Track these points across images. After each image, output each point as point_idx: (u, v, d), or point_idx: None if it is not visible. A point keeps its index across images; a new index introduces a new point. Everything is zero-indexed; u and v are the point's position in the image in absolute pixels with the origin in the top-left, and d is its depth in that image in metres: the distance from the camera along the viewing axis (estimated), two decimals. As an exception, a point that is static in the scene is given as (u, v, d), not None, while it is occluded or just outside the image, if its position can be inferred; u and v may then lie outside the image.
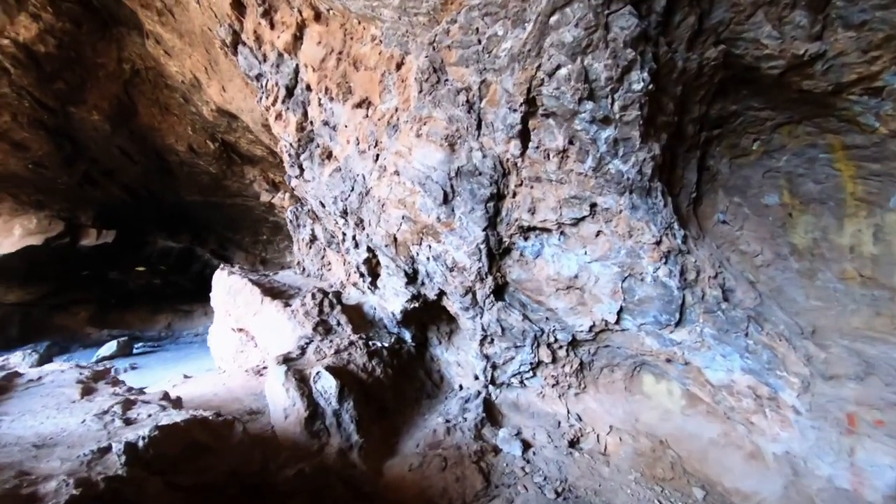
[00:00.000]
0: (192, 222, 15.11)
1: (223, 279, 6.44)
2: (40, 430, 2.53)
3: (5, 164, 11.43)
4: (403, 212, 4.16)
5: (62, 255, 13.60)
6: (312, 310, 5.08)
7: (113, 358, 13.71)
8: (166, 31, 8.61)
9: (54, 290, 14.80)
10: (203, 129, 11.09)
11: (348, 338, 4.73)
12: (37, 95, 9.65)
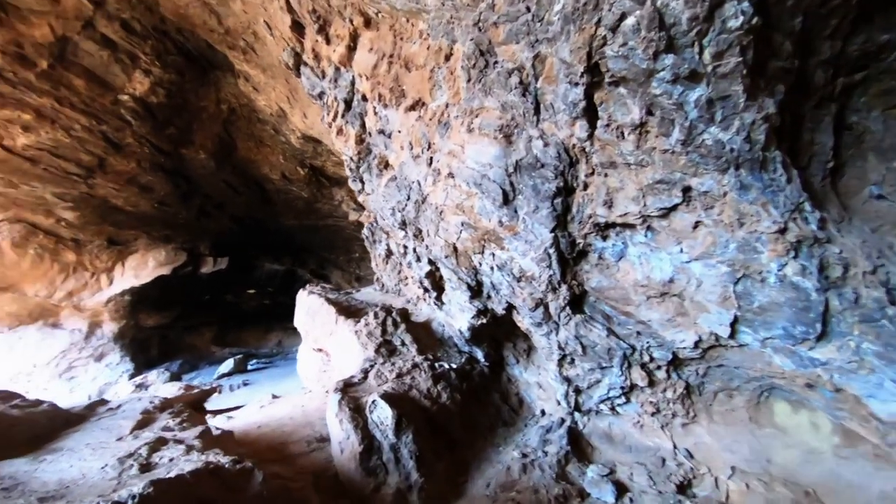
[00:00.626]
0: (293, 245, 16.13)
1: (303, 300, 6.52)
2: (64, 475, 2.53)
3: (137, 205, 13.10)
4: (462, 218, 3.74)
5: (186, 282, 15.22)
6: (375, 330, 4.85)
7: (231, 375, 14.95)
8: (251, 67, 9.22)
9: (183, 314, 16.58)
10: (293, 156, 11.73)
11: (412, 360, 4.40)
12: (154, 142, 10.89)
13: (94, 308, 15.27)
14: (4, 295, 13.93)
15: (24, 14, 8.17)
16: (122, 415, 3.52)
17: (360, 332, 4.82)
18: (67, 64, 8.90)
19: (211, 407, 10.54)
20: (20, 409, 3.35)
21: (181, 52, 9.64)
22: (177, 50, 9.56)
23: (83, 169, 11.35)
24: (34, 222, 13.72)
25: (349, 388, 3.84)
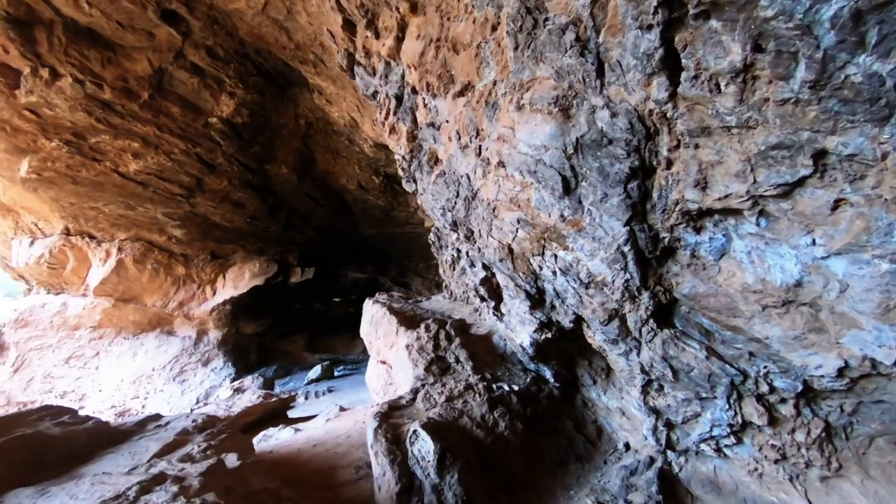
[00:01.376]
0: (374, 254, 16.39)
1: (368, 309, 6.30)
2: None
3: (232, 221, 14.07)
4: (517, 214, 3.17)
5: (278, 292, 16.07)
6: (427, 344, 4.39)
7: (318, 381, 15.45)
8: (322, 80, 9.37)
9: (277, 322, 17.53)
10: (367, 165, 11.82)
11: (465, 380, 3.87)
12: (241, 160, 11.55)
13: (201, 317, 16.66)
14: (128, 305, 15.67)
15: (127, 51, 9.00)
16: (158, 436, 3.43)
17: (412, 346, 4.41)
18: (165, 93, 9.68)
19: (295, 413, 10.86)
20: (63, 427, 3.37)
21: (260, 73, 10.09)
22: (256, 71, 10.01)
23: (184, 189, 12.39)
24: (150, 240, 15.34)
25: (393, 413, 3.43)
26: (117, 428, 3.90)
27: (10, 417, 3.53)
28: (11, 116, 9.78)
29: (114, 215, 13.79)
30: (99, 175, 11.55)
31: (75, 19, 8.42)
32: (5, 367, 13.75)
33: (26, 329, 14.24)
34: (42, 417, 3.62)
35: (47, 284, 15.37)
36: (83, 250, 15.05)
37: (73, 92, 9.13)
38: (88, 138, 10.46)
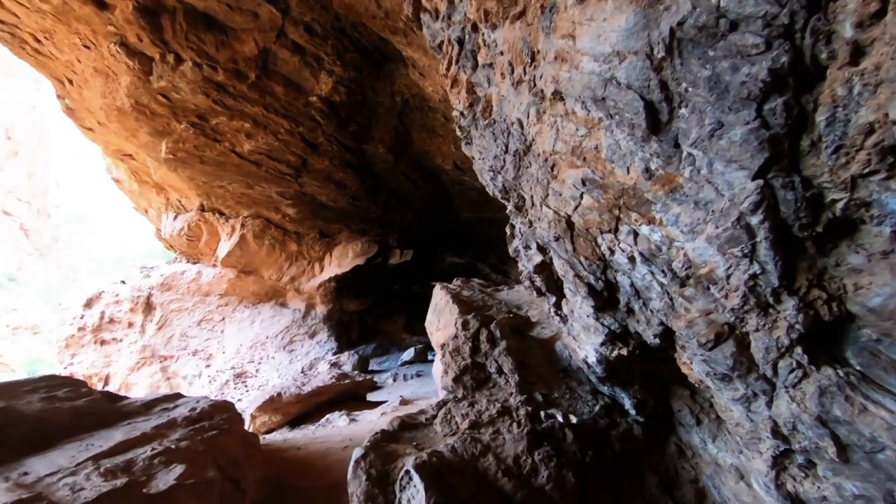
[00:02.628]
0: (473, 239, 15.76)
1: (434, 294, 5.62)
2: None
3: (336, 201, 14.43)
4: (581, 170, 2.16)
5: (378, 272, 16.28)
6: (463, 346, 3.49)
7: (412, 363, 15.38)
8: (414, 51, 8.82)
9: (377, 302, 17.88)
10: (463, 144, 11.13)
11: (504, 400, 2.90)
12: (340, 140, 11.60)
13: (309, 292, 17.61)
14: (249, 277, 17.08)
15: (237, 33, 9.34)
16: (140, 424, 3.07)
17: (447, 345, 3.58)
18: (270, 73, 9.94)
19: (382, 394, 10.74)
20: (48, 403, 3.15)
21: (357, 49, 9.88)
22: (353, 46, 9.80)
23: (292, 169, 12.90)
24: (268, 217, 16.49)
25: (399, 436, 2.65)
26: (118, 408, 3.60)
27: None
28: (150, 101, 10.82)
29: (237, 193, 14.97)
30: (220, 155, 12.47)
31: (193, 5, 8.88)
32: (152, 324, 15.81)
33: (169, 293, 16.21)
34: (36, 389, 3.42)
35: (186, 254, 17.37)
36: (214, 225, 16.66)
37: (193, 75, 9.75)
38: (210, 120, 11.25)
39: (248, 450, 3.19)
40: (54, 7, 9.20)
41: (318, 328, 17.74)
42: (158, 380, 15.15)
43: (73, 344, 14.22)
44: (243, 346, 16.72)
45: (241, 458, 2.98)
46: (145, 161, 14.90)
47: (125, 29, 9.05)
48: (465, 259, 16.14)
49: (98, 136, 14.61)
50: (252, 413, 6.07)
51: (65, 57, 11.01)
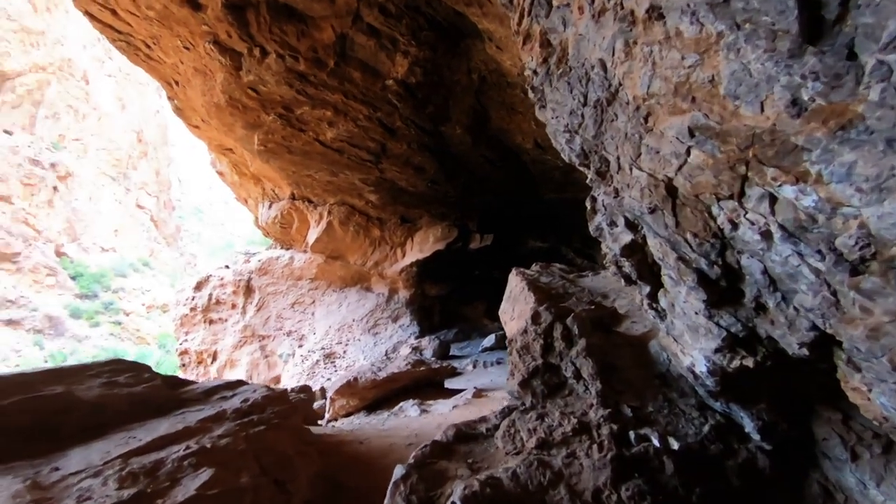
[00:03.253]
0: (556, 222, 15.00)
1: (510, 280, 5.25)
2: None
3: (415, 185, 14.44)
4: (689, 116, 1.66)
5: (458, 257, 16.15)
6: (534, 343, 3.02)
7: (492, 350, 15.14)
8: (490, 22, 8.34)
9: (458, 287, 17.81)
10: (544, 120, 10.47)
11: (581, 413, 2.39)
12: (417, 122, 11.47)
13: (392, 276, 17.99)
14: (336, 262, 17.80)
15: (316, 21, 9.48)
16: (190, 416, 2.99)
17: (514, 341, 3.16)
18: (347, 59, 10.02)
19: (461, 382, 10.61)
20: (106, 388, 3.17)
21: (432, 26, 9.60)
22: (428, 24, 9.54)
23: (372, 155, 13.07)
24: (352, 204, 16.99)
25: (453, 450, 2.30)
26: (178, 395, 3.58)
27: (60, 371, 3.31)
28: (241, 96, 11.44)
29: (323, 181, 15.56)
30: (305, 144, 12.95)
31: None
32: (252, 305, 17.08)
33: (265, 277, 17.39)
34: (100, 373, 3.40)
35: (280, 241, 18.50)
36: (304, 212, 17.52)
37: (277, 67, 10.10)
38: (294, 110, 11.68)
39: (300, 446, 3.06)
40: (157, 13, 9.96)
41: (401, 312, 18.09)
42: (258, 357, 16.39)
43: (187, 322, 15.80)
44: (332, 328, 17.53)
45: (292, 455, 2.85)
46: (243, 154, 15.97)
47: (216, 27, 9.56)
48: (548, 243, 15.44)
49: (203, 132, 15.90)
50: (331, 396, 6.20)
51: (170, 60, 11.97)
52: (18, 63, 40.58)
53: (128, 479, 2.29)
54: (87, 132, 48.39)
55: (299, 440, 3.16)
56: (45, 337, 44.25)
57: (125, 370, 3.60)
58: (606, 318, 3.36)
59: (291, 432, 3.08)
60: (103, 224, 50.89)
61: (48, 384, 2.95)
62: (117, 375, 3.44)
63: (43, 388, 2.88)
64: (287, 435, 3.08)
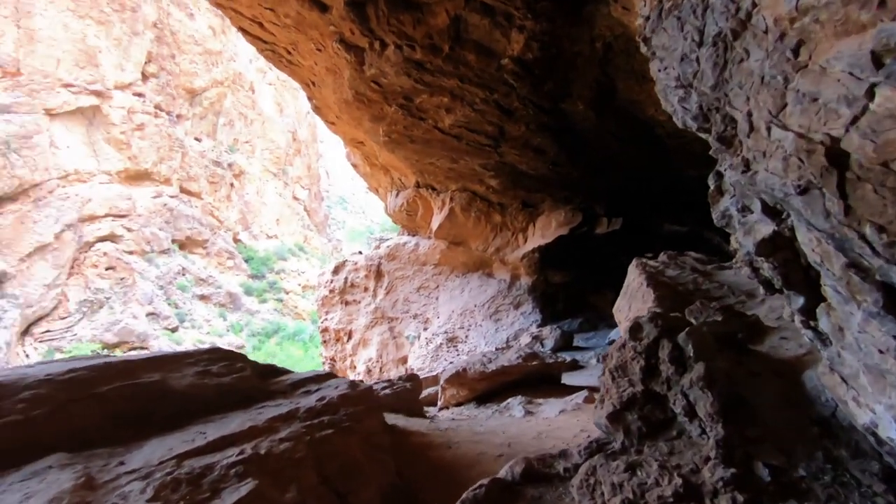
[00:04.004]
0: (696, 202, 13.15)
1: (629, 274, 4.59)
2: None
3: (536, 168, 13.83)
4: (872, 31, 1.06)
5: (583, 242, 15.19)
6: (632, 363, 2.34)
7: (620, 343, 14.00)
8: (613, -22, 7.41)
9: (583, 274, 16.82)
10: (682, 85, 9.09)
11: (690, 467, 1.71)
12: (535, 101, 10.86)
13: (514, 262, 17.67)
14: (458, 248, 18.04)
15: (430, 7, 9.45)
16: (274, 409, 2.90)
17: (610, 358, 2.54)
18: (462, 42, 9.82)
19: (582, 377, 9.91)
20: (198, 378, 3.16)
21: (549, -5, 8.91)
22: (544, -7, 8.88)
23: (490, 139, 12.80)
24: (473, 190, 16.97)
25: (515, 493, 1.85)
26: (267, 386, 3.51)
27: (161, 358, 3.36)
28: (365, 90, 12.00)
29: (444, 169, 15.77)
30: (425, 133, 13.18)
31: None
32: (382, 289, 18.19)
33: (393, 262, 18.34)
34: (197, 361, 3.41)
35: (407, 227, 19.32)
36: (427, 200, 18.02)
37: (395, 58, 10.33)
38: (414, 99, 11.90)
39: (374, 451, 2.86)
40: (293, 19, 10.84)
41: (523, 299, 17.71)
42: (387, 338, 17.43)
43: (327, 303, 17.44)
44: (454, 313, 17.86)
45: (363, 462, 2.66)
46: (372, 146, 16.92)
47: (341, 25, 10.08)
48: (688, 226, 13.63)
49: (338, 128, 17.18)
50: (442, 385, 6.19)
51: (307, 62, 13.05)
52: (203, 80, 48.48)
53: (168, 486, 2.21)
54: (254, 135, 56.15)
55: (373, 445, 3.00)
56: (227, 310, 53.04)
57: (221, 359, 3.60)
58: (743, 330, 2.55)
59: (364, 436, 2.98)
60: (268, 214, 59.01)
61: (148, 371, 3.05)
62: (212, 364, 3.45)
63: (142, 375, 2.98)
64: (358, 439, 2.90)
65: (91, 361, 2.83)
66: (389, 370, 16.91)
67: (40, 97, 37.14)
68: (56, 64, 37.65)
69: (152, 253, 47.22)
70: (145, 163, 44.53)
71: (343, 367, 17.33)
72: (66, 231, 40.61)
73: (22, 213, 37.01)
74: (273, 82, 60.16)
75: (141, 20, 42.08)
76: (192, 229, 49.87)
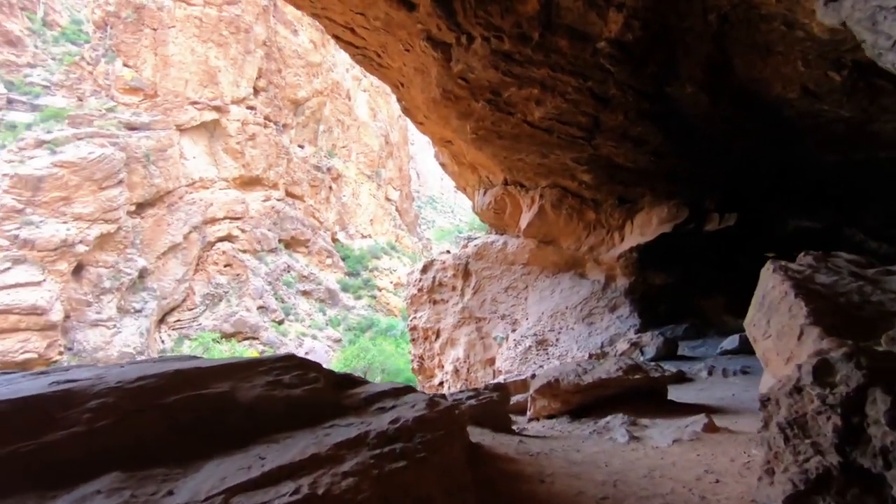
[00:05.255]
0: (833, 192, 11.24)
1: (763, 279, 3.86)
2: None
3: (635, 160, 12.77)
4: None
5: (689, 240, 13.80)
6: (817, 419, 1.57)
7: (735, 354, 12.41)
8: (733, -63, 6.44)
9: (689, 275, 15.32)
10: (818, 57, 7.70)
11: None
12: (635, 86, 9.95)
13: (609, 262, 16.60)
14: (548, 247, 17.34)
15: (522, -5, 9.03)
16: (345, 430, 2.50)
17: (772, 402, 1.85)
18: (553, 28, 9.27)
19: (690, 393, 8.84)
20: (267, 389, 2.85)
21: (653, -34, 8.08)
22: (648, -35, 8.08)
23: (584, 131, 12.03)
24: (564, 186, 16.17)
25: None
26: (339, 400, 3.15)
27: (235, 366, 3.08)
28: (453, 87, 11.88)
29: (533, 164, 15.20)
30: (514, 127, 12.76)
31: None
32: (469, 288, 18.05)
33: (481, 261, 18.12)
34: (270, 370, 3.10)
35: (495, 226, 18.99)
36: (516, 197, 17.55)
37: (483, 51, 10.05)
38: (502, 93, 11.55)
39: (452, 487, 2.39)
40: (382, 21, 11.02)
41: (619, 302, 16.57)
42: (474, 338, 17.25)
43: (416, 302, 17.67)
44: (544, 315, 17.20)
45: (438, 501, 2.33)
46: (460, 144, 16.83)
47: (428, 23, 10.01)
48: (821, 222, 11.70)
49: (426, 128, 17.33)
50: (532, 395, 5.76)
51: (396, 64, 13.25)
52: (306, 91, 52.12)
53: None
54: (350, 140, 59.30)
55: (453, 481, 2.58)
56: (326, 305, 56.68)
57: (294, 367, 3.27)
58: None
59: (442, 470, 2.54)
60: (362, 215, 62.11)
61: (218, 380, 2.82)
62: (284, 374, 3.12)
63: (211, 385, 2.75)
64: (435, 474, 2.46)
65: (164, 367, 2.65)
66: (477, 371, 16.71)
67: (172, 115, 42.44)
68: (185, 84, 42.75)
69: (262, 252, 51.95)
70: (256, 169, 49.11)
71: (431, 366, 17.45)
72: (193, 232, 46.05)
73: (158, 217, 42.62)
74: (367, 89, 63.09)
75: (253, 40, 46.35)
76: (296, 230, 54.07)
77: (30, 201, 35.38)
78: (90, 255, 38.04)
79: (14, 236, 34.50)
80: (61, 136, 36.78)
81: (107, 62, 41.25)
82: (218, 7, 43.45)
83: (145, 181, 40.92)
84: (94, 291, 38.34)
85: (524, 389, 11.43)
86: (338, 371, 3.76)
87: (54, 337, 35.01)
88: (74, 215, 36.49)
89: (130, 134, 39.74)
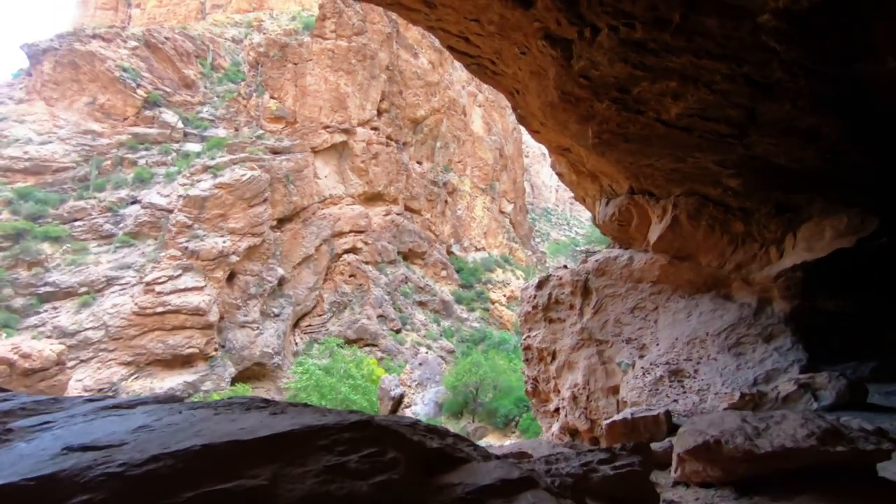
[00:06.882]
0: None
1: None
2: None
3: (801, 160, 10.53)
4: None
5: (876, 258, 10.97)
6: None
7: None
8: None
9: (877, 300, 12.24)
10: None
11: None
12: (809, 66, 8.05)
13: (762, 282, 14.05)
14: (683, 263, 15.25)
15: (655, -27, 7.89)
16: None
17: None
18: (697, 7, 7.92)
19: None
20: (325, 478, 2.05)
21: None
22: (831, -90, 6.45)
23: (733, 127, 10.20)
24: (704, 193, 14.06)
25: None
26: (420, 497, 2.27)
27: (285, 438, 2.24)
28: (573, 87, 10.94)
29: (665, 170, 13.48)
30: (644, 128, 11.35)
31: (604, -37, 8.11)
32: (589, 307, 16.60)
33: (603, 277, 16.58)
34: (332, 447, 2.28)
35: (618, 239, 17.31)
36: (644, 207, 15.80)
37: (609, 43, 9.00)
38: (631, 90, 10.30)
39: None
40: (497, 25, 10.53)
41: (777, 331, 13.86)
42: (595, 363, 15.72)
43: (529, 319, 16.70)
44: (678, 341, 15.09)
45: None
46: (579, 152, 15.68)
47: (546, 19, 9.26)
48: None
49: (542, 136, 16.48)
50: (679, 453, 4.53)
51: (511, 70, 12.68)
52: (423, 110, 54.43)
53: None
54: (465, 154, 60.44)
55: None
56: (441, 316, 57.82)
57: (366, 443, 2.44)
58: None
59: None
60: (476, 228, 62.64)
61: (259, 463, 2.07)
62: (351, 453, 2.34)
63: (248, 471, 2.02)
64: None
65: (190, 443, 2.02)
66: (598, 399, 15.15)
67: (308, 138, 47.29)
68: (319, 111, 47.40)
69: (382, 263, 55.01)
70: (378, 186, 52.52)
71: (546, 390, 16.27)
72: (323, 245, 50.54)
73: (295, 231, 47.57)
74: (482, 104, 63.99)
75: (377, 65, 49.87)
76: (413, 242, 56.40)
77: (197, 218, 42.02)
78: (240, 264, 43.65)
79: (185, 248, 41.09)
80: (221, 161, 43.39)
81: (257, 96, 47.63)
82: (347, 38, 47.58)
83: (285, 199, 46.11)
84: (242, 297, 43.86)
85: (655, 428, 9.77)
86: (430, 441, 2.74)
87: (211, 335, 40.67)
88: (229, 230, 42.48)
89: (274, 157, 45.31)
